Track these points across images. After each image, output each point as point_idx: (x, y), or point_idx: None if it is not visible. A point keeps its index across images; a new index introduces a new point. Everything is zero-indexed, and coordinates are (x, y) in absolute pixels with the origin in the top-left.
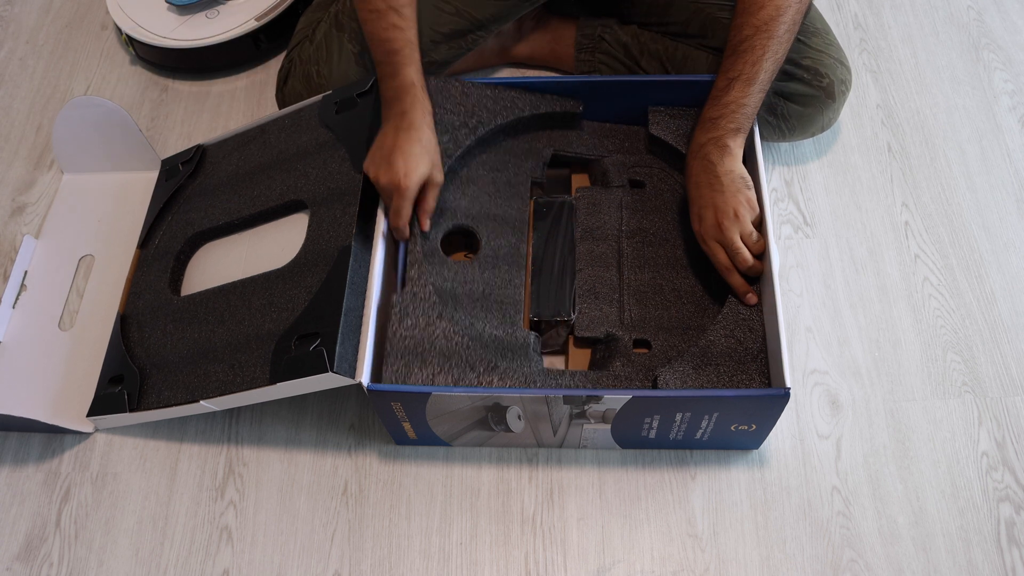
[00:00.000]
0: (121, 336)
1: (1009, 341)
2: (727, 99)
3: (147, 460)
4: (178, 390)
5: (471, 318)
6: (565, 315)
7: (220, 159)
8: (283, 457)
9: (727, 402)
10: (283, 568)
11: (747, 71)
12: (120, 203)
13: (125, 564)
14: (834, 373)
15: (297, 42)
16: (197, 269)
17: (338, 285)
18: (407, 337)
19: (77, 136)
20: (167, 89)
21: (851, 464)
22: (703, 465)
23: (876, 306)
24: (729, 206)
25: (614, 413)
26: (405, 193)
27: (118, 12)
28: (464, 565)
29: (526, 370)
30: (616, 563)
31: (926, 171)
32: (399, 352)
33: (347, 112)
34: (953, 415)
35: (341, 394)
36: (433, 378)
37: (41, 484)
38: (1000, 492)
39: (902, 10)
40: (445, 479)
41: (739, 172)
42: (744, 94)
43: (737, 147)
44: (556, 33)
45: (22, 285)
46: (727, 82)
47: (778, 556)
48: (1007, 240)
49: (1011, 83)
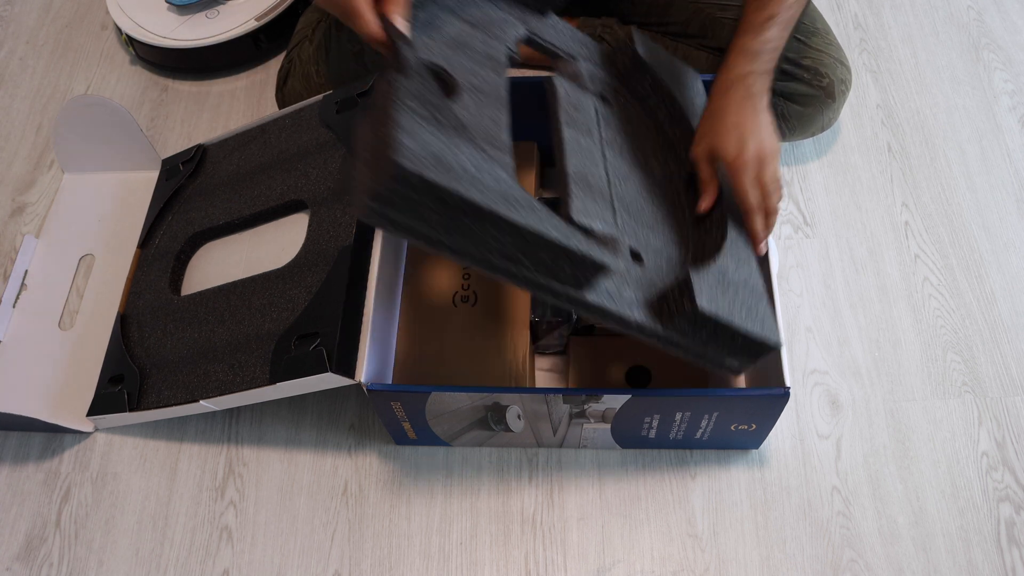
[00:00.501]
0: (121, 336)
1: (1009, 341)
2: (767, 35)
3: (147, 460)
4: (178, 390)
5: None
6: (566, 315)
7: (220, 159)
8: (283, 457)
9: (727, 401)
10: (283, 568)
11: (783, 14)
12: (120, 203)
13: (125, 564)
14: (834, 373)
15: (297, 42)
16: (197, 269)
17: (338, 285)
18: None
19: (77, 136)
20: (167, 89)
21: (851, 464)
22: (703, 465)
23: (876, 306)
24: (774, 148)
25: (614, 413)
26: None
27: (118, 12)
28: (464, 565)
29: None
30: (616, 563)
31: (926, 171)
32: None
33: (347, 112)
34: (953, 415)
35: (341, 394)
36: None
37: (41, 484)
38: (1000, 492)
39: (902, 10)
40: (445, 479)
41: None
42: (780, 37)
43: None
44: None
45: (22, 285)
46: (766, 19)
47: (778, 556)
48: (1007, 240)
49: (1011, 83)
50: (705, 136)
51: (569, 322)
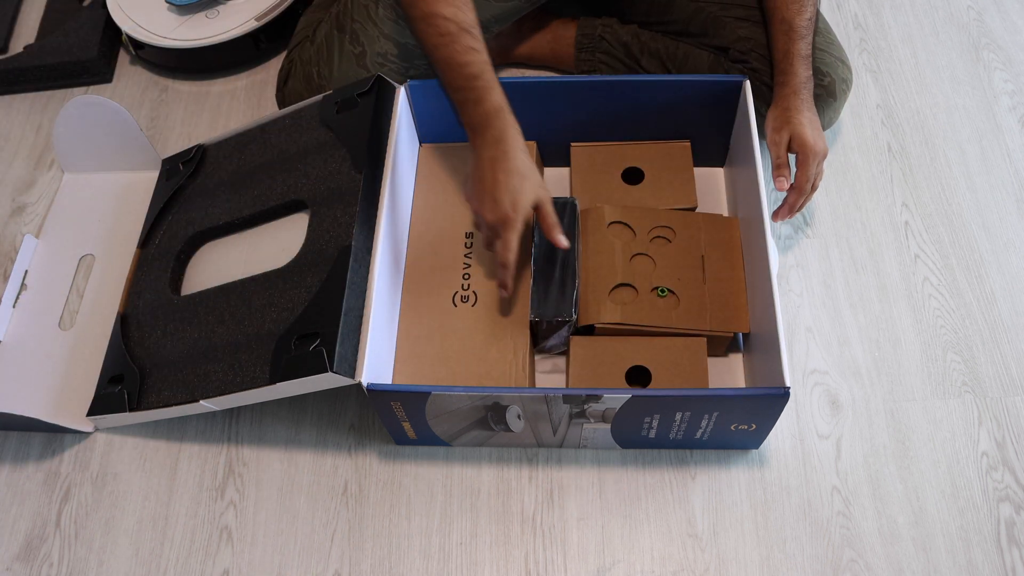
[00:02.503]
0: (121, 336)
1: (1009, 341)
2: (811, 38)
3: (147, 460)
4: (178, 390)
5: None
6: (566, 315)
7: (220, 159)
8: (283, 457)
9: (727, 401)
10: (283, 568)
11: (813, 12)
12: (120, 203)
13: (125, 564)
14: (834, 373)
15: (298, 43)
16: (197, 269)
17: (338, 285)
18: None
19: (77, 136)
20: (167, 89)
21: (851, 464)
22: (703, 465)
23: (876, 306)
24: (827, 147)
25: (614, 412)
26: (514, 226)
27: (118, 12)
28: (464, 565)
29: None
30: (616, 563)
31: (926, 171)
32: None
33: (347, 112)
34: (953, 415)
35: (341, 394)
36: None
37: (41, 484)
38: (1000, 492)
39: (902, 10)
40: (445, 479)
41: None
42: (814, 44)
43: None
44: (556, 33)
45: (22, 285)
46: (808, 20)
47: (778, 556)
48: (1007, 240)
49: (1011, 83)
50: (784, 126)
51: (570, 322)
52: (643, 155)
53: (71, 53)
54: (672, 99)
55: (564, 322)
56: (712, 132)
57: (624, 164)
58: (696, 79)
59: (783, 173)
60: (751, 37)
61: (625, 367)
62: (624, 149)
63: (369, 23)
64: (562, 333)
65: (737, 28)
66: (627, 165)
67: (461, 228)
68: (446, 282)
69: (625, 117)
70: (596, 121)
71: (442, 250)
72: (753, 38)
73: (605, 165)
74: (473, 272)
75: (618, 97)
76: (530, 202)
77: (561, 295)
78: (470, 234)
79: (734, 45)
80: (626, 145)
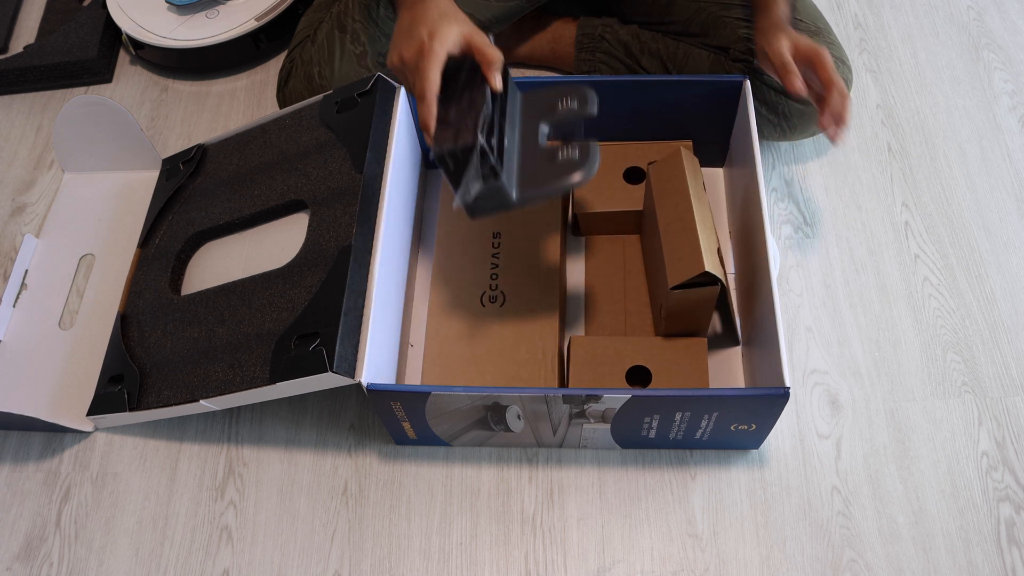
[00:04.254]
0: (121, 335)
1: (1009, 341)
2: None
3: (147, 460)
4: (178, 389)
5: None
6: (470, 140)
7: (221, 159)
8: (283, 457)
9: (727, 401)
10: (283, 568)
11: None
12: (120, 202)
13: (125, 564)
14: (834, 373)
15: (298, 42)
16: (197, 268)
17: (338, 285)
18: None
19: (77, 135)
20: (167, 89)
21: (851, 464)
22: (703, 465)
23: (876, 306)
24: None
25: (614, 413)
26: (431, 54)
27: (118, 12)
28: (464, 565)
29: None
30: (616, 563)
31: (926, 171)
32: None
33: (348, 112)
34: (953, 415)
35: (341, 394)
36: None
37: (41, 484)
38: (1000, 492)
39: (902, 10)
40: (445, 479)
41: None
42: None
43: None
44: (556, 33)
45: (22, 284)
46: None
47: (778, 556)
48: (1007, 240)
49: (1011, 83)
50: (777, 38)
51: (476, 147)
52: (643, 155)
53: (71, 53)
54: (672, 99)
55: (469, 149)
56: (712, 132)
57: (624, 164)
58: (696, 79)
59: (796, 76)
60: (752, 37)
61: (625, 367)
62: (624, 149)
63: (370, 23)
64: (473, 172)
65: (737, 28)
66: (627, 165)
67: (488, 228)
68: (474, 282)
69: (625, 117)
70: (596, 121)
71: (470, 250)
72: (753, 38)
73: (605, 165)
74: (501, 272)
75: (618, 97)
76: (454, 34)
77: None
78: (497, 234)
79: (734, 45)
80: (626, 145)
